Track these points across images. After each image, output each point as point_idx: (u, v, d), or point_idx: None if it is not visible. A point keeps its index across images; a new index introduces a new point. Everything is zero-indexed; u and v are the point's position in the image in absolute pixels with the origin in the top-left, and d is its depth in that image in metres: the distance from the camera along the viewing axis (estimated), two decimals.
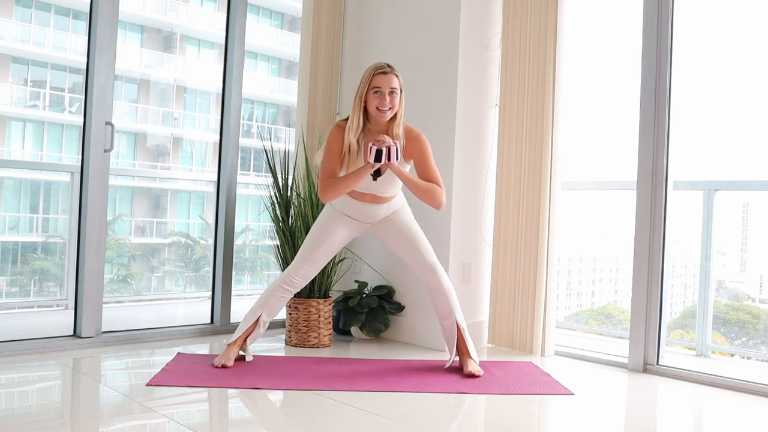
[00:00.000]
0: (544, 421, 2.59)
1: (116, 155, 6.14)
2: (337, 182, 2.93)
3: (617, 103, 3.91)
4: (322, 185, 2.95)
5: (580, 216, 4.29)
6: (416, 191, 2.96)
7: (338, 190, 2.93)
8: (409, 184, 2.94)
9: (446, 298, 3.06)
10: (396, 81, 2.94)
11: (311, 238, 3.15)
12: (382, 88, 2.91)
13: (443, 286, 3.06)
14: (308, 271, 3.13)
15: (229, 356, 3.05)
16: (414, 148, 2.99)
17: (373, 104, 2.93)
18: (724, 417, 2.72)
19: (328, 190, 2.93)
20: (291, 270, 3.14)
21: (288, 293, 3.15)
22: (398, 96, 2.95)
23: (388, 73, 2.94)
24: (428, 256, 3.08)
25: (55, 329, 3.80)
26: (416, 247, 3.08)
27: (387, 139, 2.84)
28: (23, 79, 6.15)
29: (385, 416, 2.42)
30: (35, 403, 2.53)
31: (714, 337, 3.66)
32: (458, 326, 3.08)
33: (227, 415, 2.56)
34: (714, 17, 3.75)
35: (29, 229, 5.69)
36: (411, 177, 2.95)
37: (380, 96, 2.91)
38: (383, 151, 2.80)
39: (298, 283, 3.14)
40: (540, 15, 3.57)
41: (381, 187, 3.01)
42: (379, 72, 2.94)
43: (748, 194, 3.85)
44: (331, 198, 2.95)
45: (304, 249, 3.15)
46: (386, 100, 2.91)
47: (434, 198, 2.96)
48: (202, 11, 7.50)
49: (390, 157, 2.81)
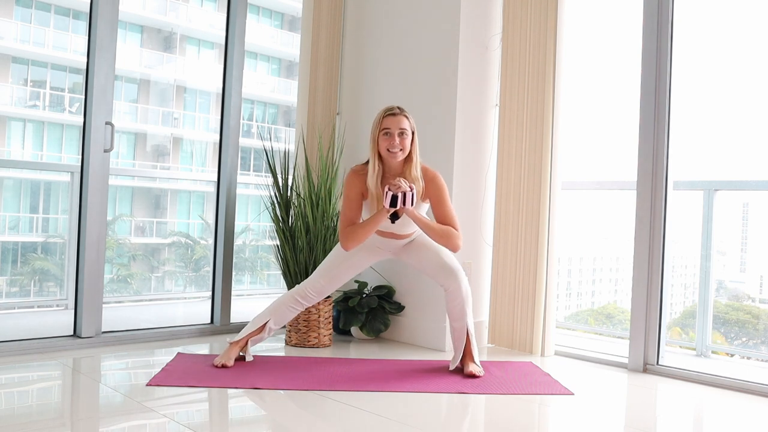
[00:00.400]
0: (544, 421, 2.59)
1: (116, 155, 6.14)
2: (356, 229, 2.95)
3: (617, 103, 3.92)
4: (342, 234, 2.97)
5: (580, 216, 4.29)
6: (432, 236, 2.97)
7: (358, 238, 2.94)
8: (425, 229, 2.96)
9: (462, 302, 3.06)
10: (405, 122, 2.94)
11: (333, 256, 3.16)
12: (391, 129, 2.91)
13: (462, 289, 3.06)
14: (324, 287, 3.14)
15: (230, 356, 3.05)
16: (430, 190, 3.00)
17: (384, 146, 2.92)
18: (724, 417, 2.72)
19: (348, 238, 2.95)
20: (308, 284, 3.15)
21: (300, 306, 3.16)
22: (409, 137, 2.94)
23: (397, 115, 2.94)
24: (450, 260, 3.09)
25: (55, 329, 3.80)
26: (438, 253, 3.09)
27: (403, 184, 2.84)
28: (23, 79, 6.15)
29: (385, 416, 2.42)
30: (35, 403, 2.52)
31: (714, 337, 3.66)
32: (468, 331, 3.09)
33: (227, 415, 2.56)
34: (714, 17, 3.75)
35: (29, 229, 5.69)
36: (426, 221, 2.96)
37: (390, 137, 2.91)
38: (399, 197, 2.82)
39: (312, 297, 3.15)
40: (540, 15, 3.57)
41: (400, 228, 3.04)
42: (388, 114, 2.95)
43: (748, 194, 3.85)
44: (353, 245, 2.96)
45: (324, 264, 3.17)
46: (395, 141, 2.90)
47: (450, 242, 2.97)
48: (202, 11, 7.50)
49: (405, 203, 2.83)
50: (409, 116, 2.98)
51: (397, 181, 2.85)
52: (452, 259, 3.09)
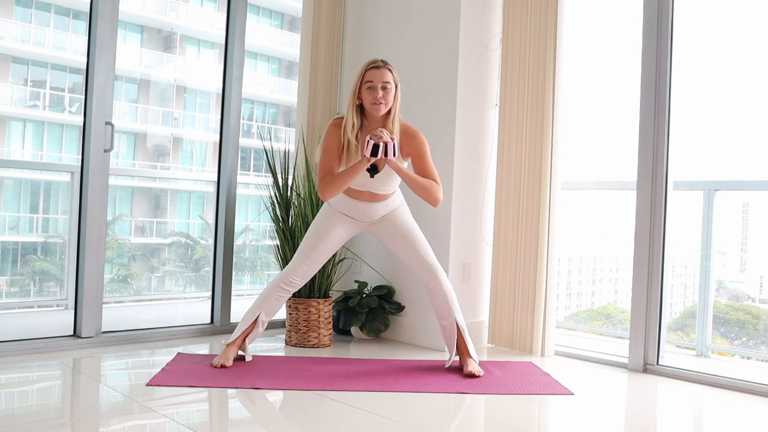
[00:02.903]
0: (544, 421, 2.59)
1: (116, 155, 6.14)
2: (335, 178, 2.92)
3: (617, 103, 3.91)
4: (321, 183, 2.95)
5: (580, 216, 4.29)
6: (414, 187, 2.95)
7: (336, 186, 2.92)
8: (407, 180, 2.94)
9: (445, 298, 3.06)
10: (389, 75, 2.94)
11: (309, 237, 3.14)
12: (375, 82, 2.91)
13: (442, 285, 3.06)
14: (306, 270, 3.13)
15: (228, 356, 3.05)
16: (411, 145, 2.99)
17: (367, 99, 2.93)
18: (724, 417, 2.72)
19: (327, 187, 2.93)
20: (289, 269, 3.14)
21: (286, 293, 3.15)
22: (392, 91, 2.94)
23: (381, 68, 2.94)
24: (427, 256, 3.08)
25: (55, 329, 3.80)
26: (414, 247, 3.08)
27: (385, 134, 2.82)
28: (23, 79, 6.14)
29: (385, 416, 2.42)
30: (35, 403, 2.52)
31: (714, 337, 3.66)
32: (458, 326, 3.07)
33: (227, 415, 2.56)
34: (714, 17, 3.75)
35: (29, 229, 5.69)
36: (408, 173, 2.95)
37: (373, 90, 2.91)
38: (380, 146, 2.80)
39: (296, 282, 3.14)
40: (540, 15, 3.57)
41: (378, 185, 3.01)
42: (371, 67, 2.95)
43: (748, 194, 3.85)
44: (330, 195, 2.95)
45: (302, 248, 3.15)
46: (379, 94, 2.90)
47: (431, 194, 2.95)
48: (202, 11, 7.49)
49: (387, 153, 2.81)
50: (393, 70, 2.97)
51: (378, 131, 2.83)
52: (430, 255, 3.08)
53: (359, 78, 2.96)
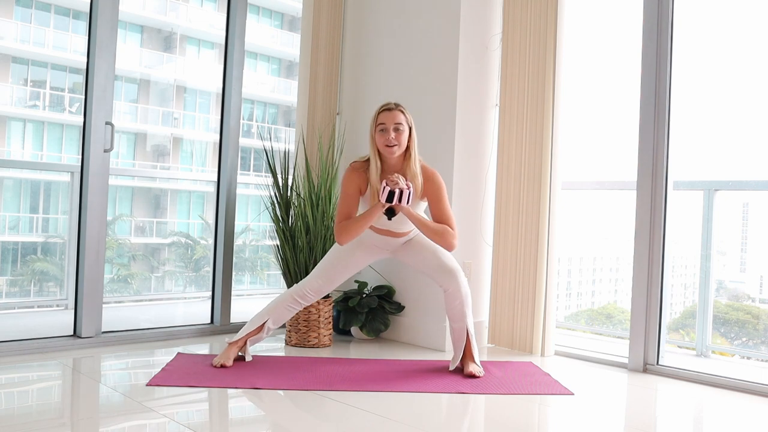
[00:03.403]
0: (544, 421, 2.59)
1: (116, 155, 6.14)
2: (351, 224, 2.94)
3: (617, 103, 3.91)
4: (337, 228, 2.97)
5: (580, 216, 4.29)
6: (427, 233, 2.97)
7: (353, 232, 2.94)
8: (420, 227, 2.95)
9: (461, 302, 3.06)
10: (401, 117, 2.94)
11: (331, 255, 3.16)
12: (387, 124, 2.92)
13: (461, 290, 3.05)
14: (322, 287, 3.14)
15: (229, 356, 3.05)
16: (428, 188, 3.00)
17: (381, 142, 2.93)
18: (724, 417, 2.72)
19: (343, 232, 2.95)
20: (306, 283, 3.15)
21: (299, 305, 3.17)
22: (405, 132, 2.94)
23: (393, 110, 2.95)
24: (449, 261, 3.09)
25: (55, 329, 3.80)
26: (436, 254, 3.08)
27: (401, 181, 2.85)
28: (23, 79, 6.14)
29: (385, 416, 2.42)
30: (35, 403, 2.52)
31: (714, 337, 3.66)
32: (468, 331, 3.08)
33: (227, 415, 2.56)
34: (714, 17, 3.75)
35: (29, 229, 5.69)
36: (422, 219, 2.95)
37: (385, 132, 2.92)
38: (396, 193, 2.82)
39: (310, 297, 3.15)
40: (540, 15, 3.57)
41: (396, 226, 3.04)
42: (383, 109, 2.96)
43: (748, 194, 3.85)
44: (347, 240, 2.96)
45: (322, 264, 3.17)
46: (391, 136, 2.91)
47: (445, 241, 2.96)
48: (202, 11, 7.49)
49: (401, 200, 2.83)
50: (406, 111, 2.98)
51: (394, 177, 2.85)
52: (451, 260, 3.09)
53: (373, 122, 2.97)
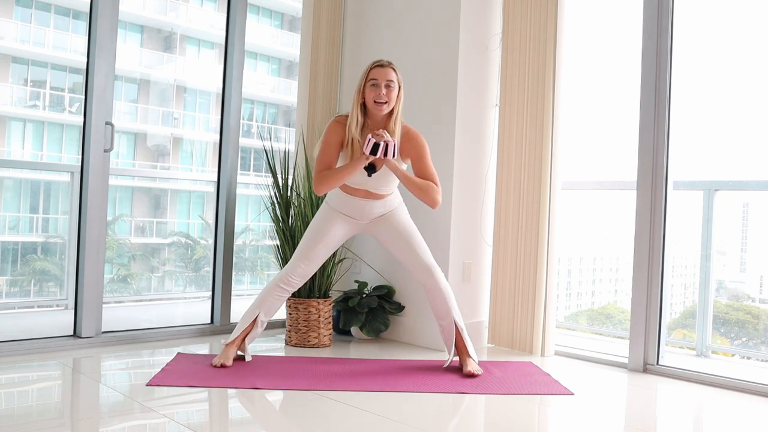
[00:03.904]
0: (544, 421, 2.59)
1: (116, 155, 6.14)
2: (331, 174, 2.95)
3: (617, 103, 3.91)
4: (316, 177, 2.98)
5: (580, 216, 4.29)
6: (411, 188, 2.98)
7: (332, 182, 2.95)
8: (405, 181, 2.96)
9: (443, 298, 3.06)
10: (393, 74, 2.97)
11: (307, 237, 3.15)
12: (378, 80, 2.94)
13: (440, 286, 3.07)
14: (305, 270, 3.14)
15: (228, 356, 3.05)
16: (411, 147, 3.01)
17: (370, 97, 2.95)
18: (724, 417, 2.72)
19: (323, 182, 2.96)
20: (288, 269, 3.14)
21: (286, 292, 3.15)
22: (395, 90, 2.97)
23: (385, 67, 2.98)
24: (424, 256, 3.09)
25: (55, 329, 3.80)
26: (412, 247, 3.09)
27: (386, 135, 2.87)
28: (23, 79, 6.14)
29: (385, 416, 2.42)
30: (35, 403, 2.52)
31: (714, 337, 3.66)
32: (456, 326, 3.08)
33: (227, 415, 2.56)
34: (714, 17, 3.75)
35: (29, 229, 5.69)
36: (407, 174, 2.97)
37: (376, 88, 2.94)
38: (381, 146, 2.82)
39: (295, 282, 3.14)
40: (540, 15, 3.57)
41: (375, 184, 3.03)
42: (376, 65, 2.99)
43: (748, 194, 3.85)
44: (325, 189, 2.97)
45: (300, 247, 3.16)
46: (382, 92, 2.93)
47: (430, 196, 2.98)
48: (202, 11, 7.49)
49: (387, 153, 2.83)
50: (397, 70, 3.01)
51: (380, 131, 2.87)
52: (427, 255, 3.09)
53: (364, 76, 2.99)
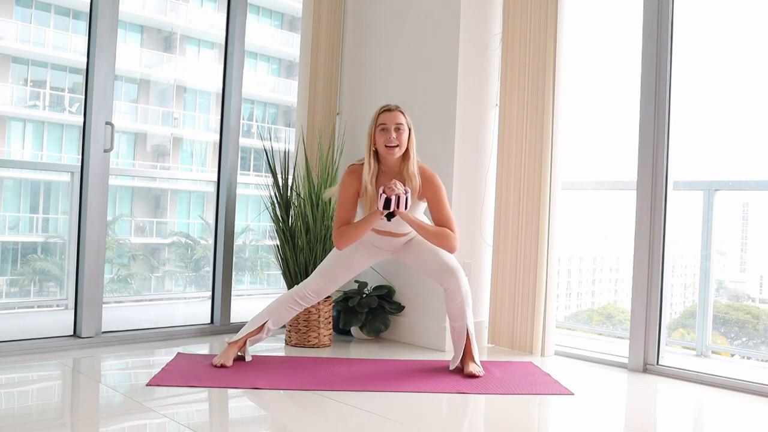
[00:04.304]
0: (544, 421, 2.59)
1: (116, 155, 6.14)
2: (350, 230, 2.96)
3: (617, 103, 3.91)
4: (336, 234, 2.99)
5: (580, 216, 4.29)
6: (427, 237, 2.98)
7: (352, 237, 2.96)
8: (420, 231, 2.96)
9: (462, 301, 3.06)
10: (401, 117, 2.97)
11: (332, 256, 3.17)
12: (387, 124, 2.94)
13: (461, 289, 3.06)
14: (323, 288, 3.15)
15: (229, 356, 3.05)
16: (427, 190, 3.00)
17: (381, 142, 2.94)
18: (724, 417, 2.72)
19: (342, 239, 2.97)
20: (306, 285, 3.16)
21: (299, 306, 3.17)
22: (405, 133, 2.96)
23: (393, 111, 2.97)
24: (449, 260, 3.09)
25: (55, 329, 3.80)
26: (436, 252, 3.08)
27: (398, 187, 2.86)
28: (23, 79, 6.15)
29: (385, 416, 2.42)
30: (35, 403, 2.52)
31: (714, 337, 3.66)
32: (468, 331, 3.09)
33: (227, 415, 2.56)
34: (714, 17, 3.75)
35: (29, 229, 5.69)
36: (420, 223, 2.96)
37: (386, 132, 2.93)
38: (393, 200, 2.83)
39: (311, 298, 3.15)
40: (540, 15, 3.57)
41: (397, 227, 3.04)
42: (384, 110, 2.98)
43: (748, 194, 3.85)
44: (345, 245, 2.99)
45: (322, 265, 3.18)
46: (392, 136, 2.92)
47: (446, 243, 2.97)
48: (202, 11, 7.50)
49: (399, 206, 2.84)
50: (405, 113, 3.01)
51: (391, 184, 2.86)
52: (451, 259, 3.09)
53: (373, 123, 2.98)
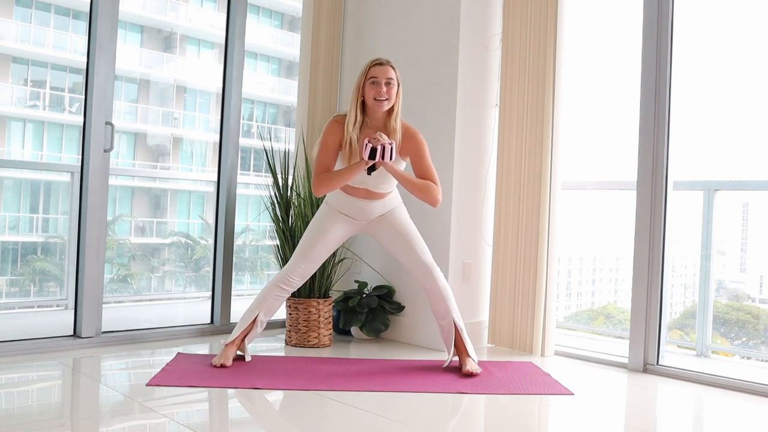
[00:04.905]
0: (544, 421, 2.59)
1: (116, 155, 6.14)
2: (331, 176, 2.95)
3: (617, 103, 3.91)
4: (315, 179, 2.98)
5: (580, 216, 4.29)
6: (411, 189, 2.98)
7: (331, 184, 2.95)
8: (404, 182, 2.97)
9: (442, 298, 3.06)
10: (392, 72, 2.98)
11: (307, 237, 3.15)
12: (379, 78, 2.95)
13: (439, 285, 3.06)
14: (305, 269, 3.14)
15: (228, 356, 3.05)
16: (410, 146, 3.01)
17: (370, 94, 2.96)
18: (724, 417, 2.72)
19: (321, 184, 2.96)
20: (288, 269, 3.14)
21: (285, 292, 3.15)
22: (395, 88, 2.98)
23: (385, 65, 2.99)
24: (424, 256, 3.09)
25: (55, 329, 3.80)
26: (411, 247, 3.09)
27: (383, 138, 2.87)
28: (23, 79, 6.14)
29: (385, 416, 2.42)
30: (35, 403, 2.53)
31: (714, 337, 3.66)
32: (456, 326, 3.08)
33: (227, 415, 2.56)
34: (714, 17, 3.75)
35: (29, 229, 5.69)
36: (405, 175, 2.97)
37: (377, 86, 2.95)
38: (378, 149, 2.83)
39: (295, 282, 3.14)
40: (540, 15, 3.57)
41: (375, 182, 3.02)
42: (375, 63, 3.00)
43: (748, 194, 3.85)
44: (323, 191, 2.98)
45: (300, 247, 3.16)
46: (383, 90, 2.94)
47: (429, 195, 2.98)
48: (202, 11, 7.49)
49: (384, 156, 2.84)
50: (396, 69, 3.02)
51: (377, 134, 2.87)
52: (426, 255, 3.09)
53: (363, 74, 2.99)
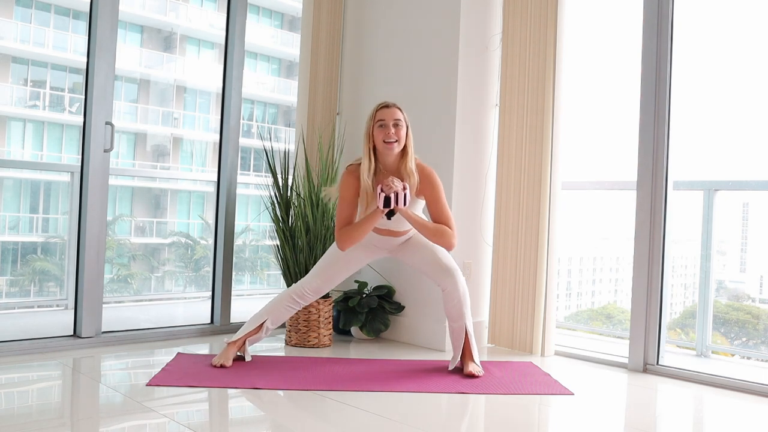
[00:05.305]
0: (544, 421, 2.59)
1: (116, 155, 6.14)
2: (352, 230, 2.97)
3: (617, 102, 3.91)
4: (338, 234, 2.99)
5: (580, 216, 4.28)
6: (426, 234, 2.98)
7: (354, 238, 2.97)
8: (419, 228, 2.97)
9: (459, 301, 3.06)
10: (399, 113, 2.98)
11: (329, 254, 3.18)
12: (386, 120, 2.94)
13: (459, 289, 3.06)
14: (320, 286, 3.15)
15: (228, 356, 3.05)
16: (425, 188, 3.01)
17: (380, 138, 2.95)
18: (724, 417, 2.72)
19: (345, 239, 2.98)
20: (304, 282, 3.16)
21: (297, 305, 3.17)
22: (403, 129, 2.97)
23: (391, 107, 2.99)
24: (446, 260, 3.10)
25: (55, 329, 3.80)
26: (434, 254, 3.09)
27: (396, 184, 2.86)
28: (23, 79, 6.14)
29: (385, 416, 2.42)
30: (35, 403, 2.53)
31: (714, 337, 3.66)
32: (466, 331, 3.09)
33: (227, 415, 2.56)
34: (714, 17, 3.75)
35: (29, 229, 5.69)
36: (419, 220, 2.97)
37: (385, 128, 2.94)
38: (392, 197, 2.85)
39: (309, 297, 3.16)
40: (540, 15, 3.57)
41: (396, 225, 3.05)
42: (382, 106, 3.00)
43: (748, 194, 3.85)
44: (348, 245, 3.00)
45: (320, 263, 3.18)
46: (391, 131, 2.93)
47: (444, 240, 2.98)
48: (202, 11, 7.50)
49: (398, 202, 2.85)
50: (403, 110, 3.02)
51: (389, 181, 2.87)
52: (449, 259, 3.09)
53: (371, 119, 2.99)
